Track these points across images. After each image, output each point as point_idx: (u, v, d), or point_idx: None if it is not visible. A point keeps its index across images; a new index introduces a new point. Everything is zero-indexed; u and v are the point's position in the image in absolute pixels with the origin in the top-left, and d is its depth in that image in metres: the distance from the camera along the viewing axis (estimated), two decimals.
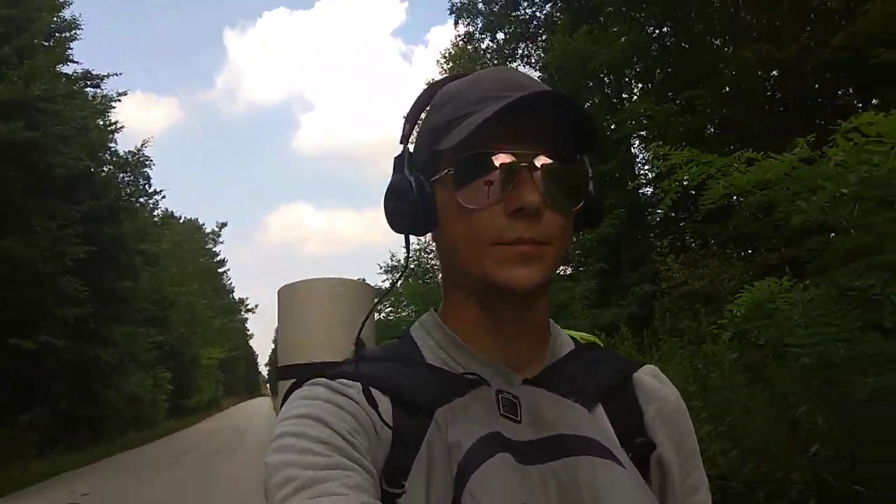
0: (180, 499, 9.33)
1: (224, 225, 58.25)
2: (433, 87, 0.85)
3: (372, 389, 0.73)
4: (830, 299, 3.28)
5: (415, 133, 0.85)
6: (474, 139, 0.71)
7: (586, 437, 0.69)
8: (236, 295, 63.65)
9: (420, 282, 13.91)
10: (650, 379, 0.86)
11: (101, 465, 14.98)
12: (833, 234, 4.05)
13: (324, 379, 0.75)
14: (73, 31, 14.38)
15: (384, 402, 0.74)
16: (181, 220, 49.69)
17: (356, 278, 1.11)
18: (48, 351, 14.46)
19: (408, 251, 0.86)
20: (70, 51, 14.58)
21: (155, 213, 29.03)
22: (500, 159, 0.72)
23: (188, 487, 10.31)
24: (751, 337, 4.63)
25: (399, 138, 0.84)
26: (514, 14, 18.84)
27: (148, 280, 23.35)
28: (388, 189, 0.81)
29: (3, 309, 12.50)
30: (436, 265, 14.68)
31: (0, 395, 13.81)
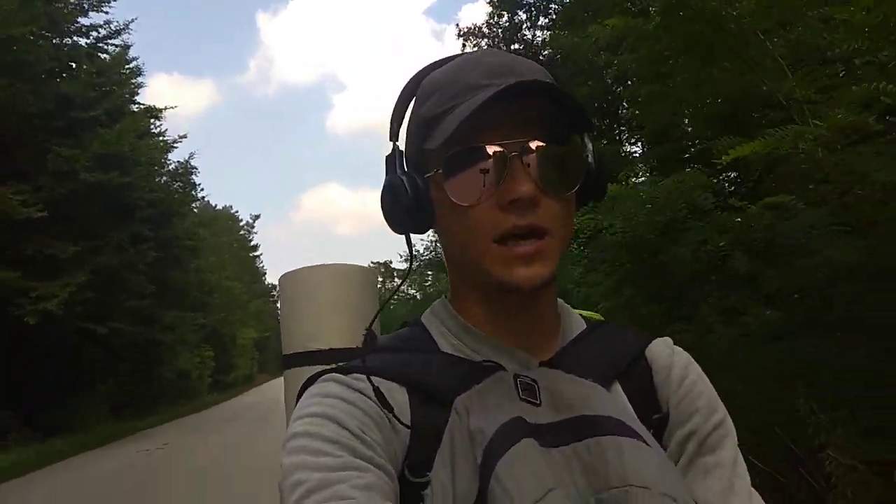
0: (236, 447, 12.54)
1: (257, 217, 62.72)
2: (416, 78, 0.82)
3: (388, 381, 0.73)
4: None
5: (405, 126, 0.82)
6: (460, 134, 0.69)
7: (608, 417, 0.68)
8: (269, 277, 67.44)
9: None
10: (660, 348, 0.85)
11: (164, 428, 18.13)
12: None
13: (337, 374, 0.75)
14: (139, 79, 18.03)
15: (401, 394, 0.73)
16: (216, 208, 52.93)
17: (359, 263, 1.02)
18: (116, 334, 16.96)
19: (410, 251, 0.85)
20: (137, 94, 18.07)
21: (194, 204, 31.67)
22: (490, 152, 0.70)
23: (240, 440, 13.57)
24: None
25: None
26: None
27: (194, 270, 26.16)
28: (382, 190, 0.80)
29: (86, 304, 15.55)
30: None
31: (79, 371, 16.86)
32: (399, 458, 0.71)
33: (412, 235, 0.82)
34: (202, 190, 28.99)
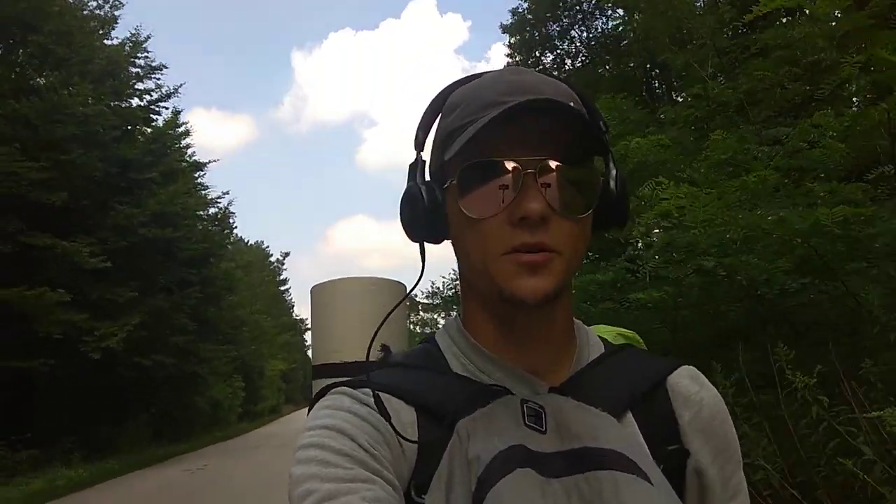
0: (266, 468, 14.26)
1: (287, 254, 64.26)
2: (444, 92, 0.83)
3: (396, 399, 0.74)
4: None
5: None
6: (477, 147, 0.70)
7: (612, 451, 0.66)
8: (297, 309, 69.69)
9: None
10: (686, 382, 0.82)
11: (200, 452, 19.89)
12: None
13: (347, 388, 0.75)
14: (187, 139, 20.54)
15: (409, 413, 0.74)
16: (248, 243, 55.00)
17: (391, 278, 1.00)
18: (160, 367, 18.83)
19: (423, 259, 0.83)
20: (186, 154, 20.48)
21: (227, 242, 33.15)
22: (504, 167, 0.70)
23: (270, 463, 15.30)
24: None
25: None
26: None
27: (227, 306, 27.58)
28: (402, 197, 0.80)
29: (138, 340, 17.28)
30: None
31: (125, 400, 18.91)
32: (406, 476, 0.71)
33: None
34: (236, 227, 30.99)
